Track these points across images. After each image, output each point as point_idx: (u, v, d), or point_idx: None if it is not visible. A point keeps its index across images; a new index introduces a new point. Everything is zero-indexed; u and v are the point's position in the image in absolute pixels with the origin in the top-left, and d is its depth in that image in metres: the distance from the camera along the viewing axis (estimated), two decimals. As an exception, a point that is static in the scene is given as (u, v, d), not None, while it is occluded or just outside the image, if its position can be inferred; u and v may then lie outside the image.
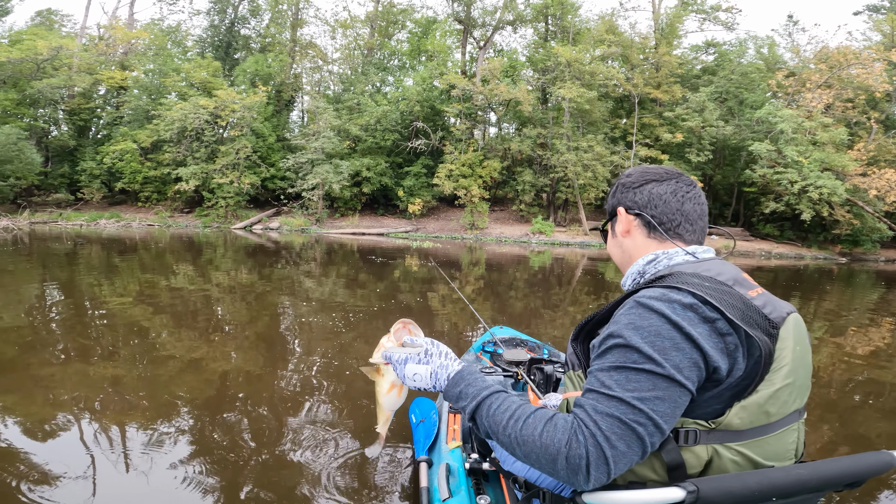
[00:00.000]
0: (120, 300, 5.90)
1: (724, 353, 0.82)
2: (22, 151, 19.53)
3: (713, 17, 24.59)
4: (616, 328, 0.86)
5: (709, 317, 0.82)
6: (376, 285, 8.13)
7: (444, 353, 1.04)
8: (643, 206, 1.06)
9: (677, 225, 1.04)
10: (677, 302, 0.83)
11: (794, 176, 18.45)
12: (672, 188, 1.06)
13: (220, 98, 20.55)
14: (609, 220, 1.17)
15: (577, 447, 0.79)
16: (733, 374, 0.83)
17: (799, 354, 0.90)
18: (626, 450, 0.78)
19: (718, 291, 0.86)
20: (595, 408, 0.81)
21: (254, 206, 22.74)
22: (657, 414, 0.78)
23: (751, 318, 0.85)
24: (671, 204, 1.05)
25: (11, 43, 22.46)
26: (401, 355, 1.04)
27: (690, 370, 0.80)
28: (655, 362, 0.79)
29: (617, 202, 1.12)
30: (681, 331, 0.81)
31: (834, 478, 0.85)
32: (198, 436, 2.49)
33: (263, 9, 28.02)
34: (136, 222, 20.64)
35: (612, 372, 0.82)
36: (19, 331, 4.32)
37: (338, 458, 2.34)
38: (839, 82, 20.25)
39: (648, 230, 1.06)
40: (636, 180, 1.09)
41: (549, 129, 21.98)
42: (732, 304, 0.85)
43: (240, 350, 4.09)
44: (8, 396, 2.89)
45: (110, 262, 9.65)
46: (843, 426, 3.03)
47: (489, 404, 0.92)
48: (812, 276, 13.32)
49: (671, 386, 0.79)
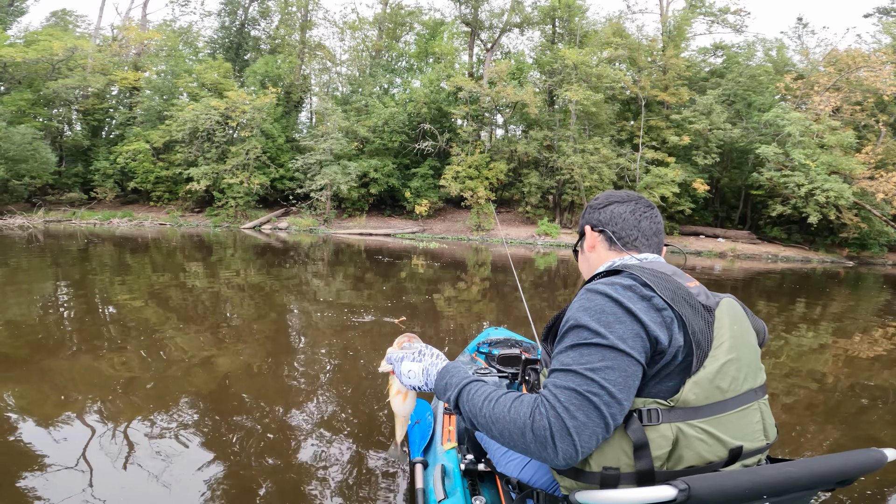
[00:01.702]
0: (131, 298, 6.08)
1: (663, 325, 0.92)
2: (37, 151, 19.83)
3: (721, 20, 24.54)
4: (570, 313, 0.96)
5: (645, 294, 0.94)
6: (383, 285, 8.29)
7: (435, 354, 1.16)
8: (605, 224, 1.21)
9: (634, 239, 1.18)
10: (618, 284, 0.96)
11: (801, 179, 18.40)
12: (631, 208, 1.20)
13: (231, 99, 20.85)
14: (579, 239, 1.30)
15: (540, 419, 0.86)
16: (673, 345, 0.91)
17: (738, 333, 0.99)
18: (585, 420, 0.84)
19: (655, 276, 0.98)
20: (554, 383, 0.89)
21: (263, 207, 23.00)
22: (609, 382, 0.85)
23: (682, 299, 0.96)
24: (629, 221, 1.18)
25: (27, 43, 22.77)
26: (398, 354, 1.18)
27: (634, 340, 0.89)
28: (601, 335, 0.89)
29: (585, 222, 1.26)
30: (621, 306, 0.91)
31: (825, 475, 0.86)
32: (199, 433, 2.56)
33: (273, 10, 28.34)
34: (149, 221, 20.96)
35: (569, 351, 0.91)
36: (31, 326, 4.44)
37: (334, 459, 2.37)
38: (848, 85, 20.16)
39: (609, 244, 1.20)
40: (601, 202, 1.24)
41: (556, 131, 22.05)
42: (666, 287, 0.96)
43: (247, 349, 4.17)
44: (17, 390, 2.97)
45: (123, 261, 9.89)
46: (851, 429, 3.05)
47: (469, 390, 1.01)
48: (819, 279, 13.30)
49: (618, 355, 0.87)
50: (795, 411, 3.34)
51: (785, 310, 7.81)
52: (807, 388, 3.84)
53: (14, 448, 2.32)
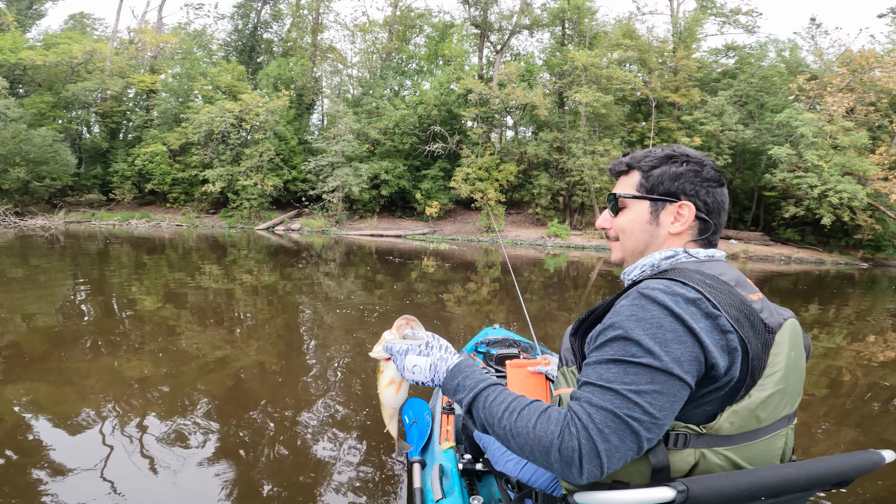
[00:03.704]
0: (149, 298, 6.29)
1: (725, 350, 0.81)
2: (57, 153, 20.32)
3: (733, 21, 24.39)
4: (617, 319, 0.83)
5: (711, 313, 0.81)
6: (393, 285, 8.45)
7: (444, 346, 1.03)
8: (712, 212, 0.99)
9: (717, 233, 1.02)
10: (681, 296, 0.82)
11: (815, 180, 18.26)
12: (724, 194, 1.02)
13: (245, 102, 21.23)
14: (654, 199, 1.02)
15: (570, 439, 0.78)
16: (731, 373, 0.82)
17: (793, 360, 0.89)
18: (619, 444, 0.77)
19: (720, 291, 0.85)
20: (590, 400, 0.79)
21: (276, 208, 23.35)
22: (654, 407, 0.77)
23: (747, 321, 0.84)
24: (722, 214, 1.01)
25: (46, 46, 23.26)
26: (402, 346, 1.03)
27: (691, 364, 0.79)
28: (654, 355, 0.78)
29: (680, 190, 0.99)
30: (683, 324, 0.79)
31: (822, 477, 0.84)
32: (212, 430, 2.63)
33: (285, 13, 28.76)
34: (166, 222, 21.39)
35: (610, 364, 0.80)
36: (50, 326, 4.57)
37: (332, 459, 2.38)
38: (862, 86, 19.95)
39: (698, 235, 1.00)
40: (711, 176, 1.00)
41: (566, 132, 22.10)
42: (731, 304, 0.84)
43: (260, 348, 4.26)
44: (36, 388, 3.04)
45: (141, 261, 10.17)
46: (865, 431, 3.06)
47: (485, 396, 0.91)
48: (833, 281, 13.21)
49: (670, 379, 0.78)
50: (808, 412, 3.34)
51: (798, 312, 7.77)
52: (820, 390, 3.85)
53: (32, 446, 2.37)
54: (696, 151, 1.02)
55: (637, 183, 1.04)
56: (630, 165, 1.06)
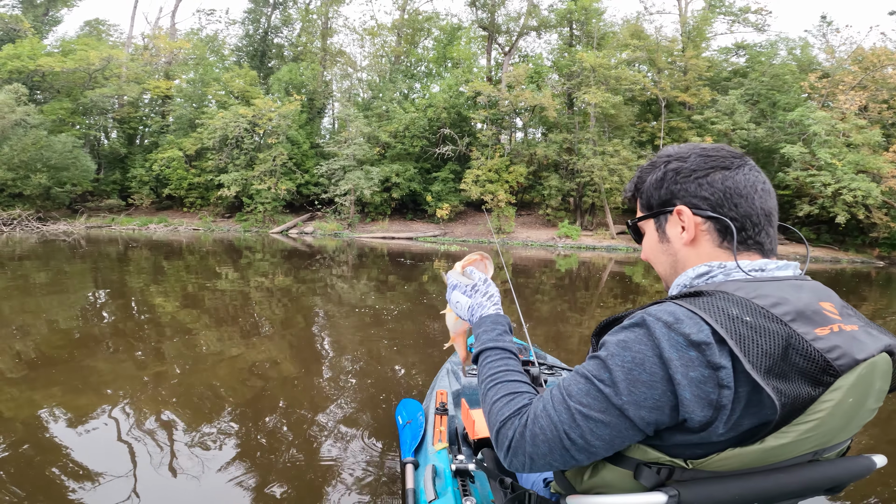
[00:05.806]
0: (167, 300, 6.53)
1: (708, 406, 0.69)
2: (77, 159, 20.70)
3: (742, 20, 24.27)
4: (612, 339, 0.76)
5: (716, 363, 0.68)
6: (405, 286, 8.62)
7: (488, 294, 1.05)
8: (718, 206, 0.82)
9: (760, 230, 0.83)
10: (684, 336, 0.69)
11: (828, 178, 18.12)
12: (746, 177, 0.83)
13: (258, 107, 21.60)
14: (649, 216, 0.91)
15: (509, 429, 0.80)
16: (710, 429, 0.70)
17: (846, 406, 0.73)
18: (546, 453, 0.77)
19: (756, 331, 0.70)
20: (547, 403, 0.78)
21: (289, 211, 23.70)
22: (594, 436, 0.74)
23: (789, 369, 0.70)
24: (753, 201, 0.82)
25: (63, 53, 23.66)
26: (453, 281, 1.11)
27: (651, 412, 0.71)
28: (617, 390, 0.72)
29: (669, 194, 0.87)
30: (667, 371, 0.70)
31: (815, 482, 0.80)
32: (226, 431, 2.71)
33: (294, 18, 29.16)
34: (183, 226, 21.83)
35: (581, 379, 0.77)
36: (70, 328, 4.74)
37: (329, 459, 2.40)
38: (874, 83, 19.75)
39: (722, 238, 0.83)
40: (697, 165, 0.85)
41: (575, 133, 22.15)
42: (767, 353, 0.69)
43: (276, 350, 4.36)
44: (55, 389, 3.12)
45: (159, 264, 10.47)
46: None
47: (488, 355, 0.93)
48: (849, 279, 13.13)
49: (621, 417, 0.73)
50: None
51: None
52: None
53: (52, 445, 2.44)
54: (683, 145, 0.89)
55: (641, 204, 0.95)
56: (636, 187, 0.95)
